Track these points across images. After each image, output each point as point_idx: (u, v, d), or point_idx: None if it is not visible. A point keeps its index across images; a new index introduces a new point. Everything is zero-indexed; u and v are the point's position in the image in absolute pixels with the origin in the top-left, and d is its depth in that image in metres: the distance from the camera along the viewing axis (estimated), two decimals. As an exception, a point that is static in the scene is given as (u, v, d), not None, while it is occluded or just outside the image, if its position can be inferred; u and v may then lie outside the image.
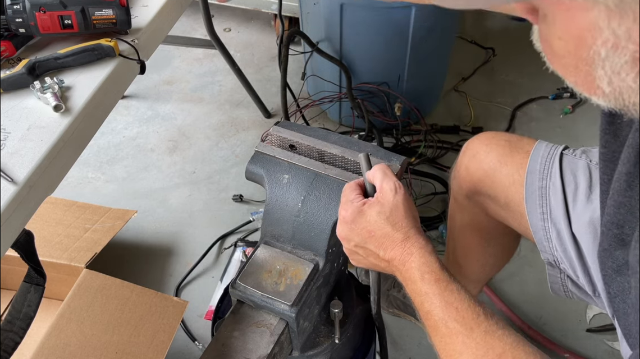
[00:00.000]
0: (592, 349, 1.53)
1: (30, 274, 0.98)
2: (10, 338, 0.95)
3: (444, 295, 0.72)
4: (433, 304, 0.72)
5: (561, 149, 0.99)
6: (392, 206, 0.78)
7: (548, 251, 0.98)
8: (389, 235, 0.77)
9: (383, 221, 0.77)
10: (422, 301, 0.74)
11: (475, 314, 0.70)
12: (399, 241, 0.77)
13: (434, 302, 0.72)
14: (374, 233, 0.78)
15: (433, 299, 0.73)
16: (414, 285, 0.75)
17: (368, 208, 0.79)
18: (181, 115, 2.30)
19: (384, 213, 0.77)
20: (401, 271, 0.77)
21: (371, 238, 0.78)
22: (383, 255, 0.78)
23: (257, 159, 0.95)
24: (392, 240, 0.77)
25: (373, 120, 2.00)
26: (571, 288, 1.00)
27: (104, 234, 1.62)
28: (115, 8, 1.01)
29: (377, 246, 0.78)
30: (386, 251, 0.78)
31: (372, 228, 0.78)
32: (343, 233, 0.81)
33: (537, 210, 0.98)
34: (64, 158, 0.91)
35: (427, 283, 0.74)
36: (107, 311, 1.39)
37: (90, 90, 0.97)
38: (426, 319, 0.75)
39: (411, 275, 0.75)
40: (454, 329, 0.70)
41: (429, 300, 0.73)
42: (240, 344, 0.87)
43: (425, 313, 0.74)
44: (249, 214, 1.88)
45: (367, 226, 0.78)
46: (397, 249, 0.77)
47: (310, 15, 1.94)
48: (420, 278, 0.74)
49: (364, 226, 0.78)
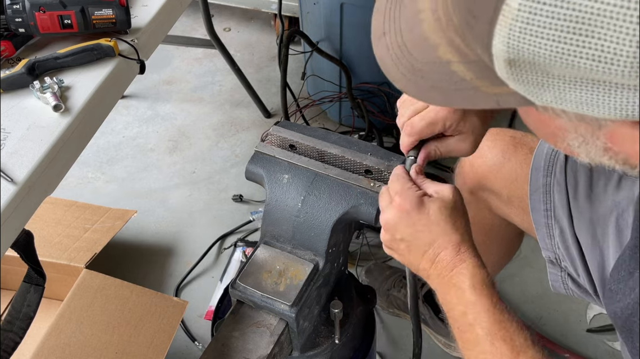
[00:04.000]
0: (592, 349, 1.53)
1: (30, 274, 0.98)
2: (10, 338, 0.95)
3: (494, 312, 0.68)
4: (479, 318, 0.69)
5: None
6: (452, 205, 0.73)
7: (550, 248, 0.98)
8: (446, 234, 0.72)
9: (444, 217, 0.72)
10: (465, 311, 0.70)
11: (523, 339, 0.67)
12: (454, 243, 0.72)
13: (481, 316, 0.69)
14: (429, 229, 0.72)
15: (481, 313, 0.69)
16: (461, 293, 0.71)
17: (429, 201, 0.73)
18: (181, 115, 2.30)
19: (446, 209, 0.72)
20: (444, 275, 0.72)
21: (424, 233, 0.73)
22: (431, 253, 0.73)
23: (257, 159, 0.94)
24: (448, 239, 0.72)
25: (373, 120, 2.00)
26: (571, 286, 1.00)
27: (103, 234, 1.62)
28: (115, 8, 1.01)
29: (427, 243, 0.73)
30: (436, 250, 0.73)
31: (430, 223, 0.72)
32: (392, 221, 0.75)
33: (540, 207, 0.98)
34: (63, 158, 0.90)
35: (477, 294, 0.69)
36: (107, 311, 1.39)
37: (90, 90, 0.97)
38: (464, 332, 0.71)
39: (459, 281, 0.71)
40: (500, 350, 0.67)
41: (475, 311, 0.69)
42: (240, 345, 0.87)
43: (467, 325, 0.70)
44: (249, 214, 1.88)
45: (424, 220, 0.73)
46: (449, 251, 0.72)
47: (310, 15, 1.94)
48: (471, 286, 0.70)
49: (420, 219, 0.73)
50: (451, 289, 0.72)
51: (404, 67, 0.50)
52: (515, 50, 0.39)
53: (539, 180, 0.98)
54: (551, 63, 0.38)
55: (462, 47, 0.43)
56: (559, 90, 0.40)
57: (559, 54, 0.37)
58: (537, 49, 0.38)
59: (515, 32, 0.38)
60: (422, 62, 0.47)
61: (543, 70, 0.40)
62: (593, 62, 0.36)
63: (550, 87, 0.41)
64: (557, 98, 0.41)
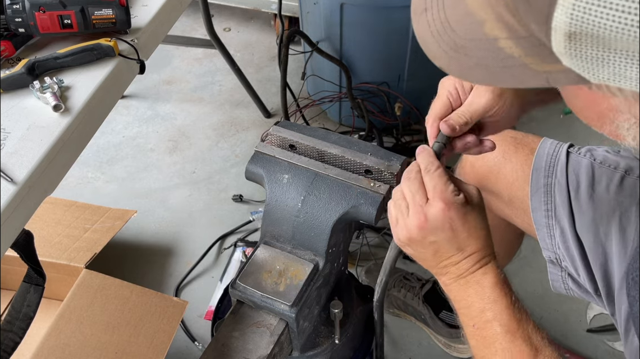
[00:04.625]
0: (593, 349, 1.53)
1: (29, 274, 0.98)
2: (10, 338, 0.95)
3: (513, 310, 0.70)
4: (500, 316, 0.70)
5: (566, 147, 0.99)
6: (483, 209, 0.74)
7: (550, 248, 0.98)
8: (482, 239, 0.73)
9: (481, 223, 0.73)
10: (484, 308, 0.71)
11: (541, 337, 0.70)
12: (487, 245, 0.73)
13: (502, 314, 0.70)
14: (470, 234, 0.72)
15: (502, 311, 0.70)
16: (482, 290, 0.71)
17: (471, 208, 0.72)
18: (181, 115, 2.30)
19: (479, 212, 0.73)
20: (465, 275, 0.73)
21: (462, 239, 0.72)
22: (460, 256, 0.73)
23: (257, 159, 0.94)
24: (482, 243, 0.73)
25: (373, 120, 1.99)
26: (572, 286, 1.00)
27: (103, 234, 1.62)
28: (114, 8, 1.01)
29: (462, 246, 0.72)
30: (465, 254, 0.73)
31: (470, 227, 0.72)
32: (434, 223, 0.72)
33: (541, 207, 0.98)
34: (63, 158, 0.90)
35: (498, 291, 0.71)
36: (107, 311, 1.39)
37: (90, 90, 0.97)
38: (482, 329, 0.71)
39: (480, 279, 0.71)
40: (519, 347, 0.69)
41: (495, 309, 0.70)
42: (240, 345, 0.87)
43: (484, 321, 0.71)
44: (249, 214, 1.88)
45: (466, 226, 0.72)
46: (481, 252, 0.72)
47: (310, 15, 1.94)
48: (493, 285, 0.71)
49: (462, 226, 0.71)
50: (471, 287, 0.73)
51: (445, 44, 0.48)
52: (579, 22, 0.38)
53: (540, 180, 0.98)
54: (617, 36, 0.37)
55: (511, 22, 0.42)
56: (619, 66, 0.39)
57: (627, 26, 0.36)
58: (605, 20, 0.36)
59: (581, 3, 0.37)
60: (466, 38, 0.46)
61: (605, 45, 0.38)
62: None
63: (610, 63, 0.39)
64: (615, 74, 0.40)
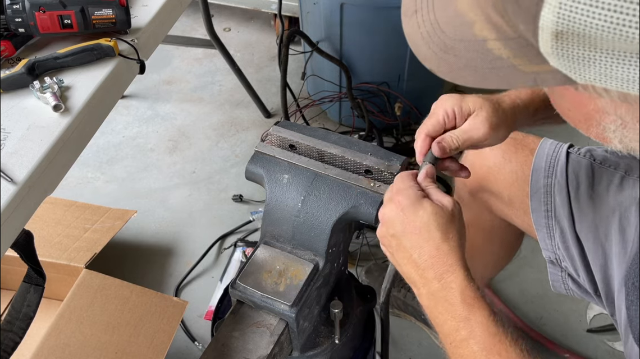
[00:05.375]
0: (592, 349, 1.53)
1: (29, 274, 0.98)
2: (10, 338, 0.95)
3: (488, 325, 0.66)
4: (473, 333, 0.67)
5: (566, 147, 0.99)
6: (449, 215, 0.71)
7: (550, 249, 0.98)
8: (434, 241, 0.70)
9: (435, 224, 0.70)
10: (458, 327, 0.68)
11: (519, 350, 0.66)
12: (443, 252, 0.70)
13: (475, 330, 0.67)
14: (418, 231, 0.71)
15: (474, 328, 0.67)
16: (451, 307, 0.69)
17: (427, 204, 0.71)
18: (181, 115, 2.30)
19: (441, 216, 0.70)
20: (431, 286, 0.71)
21: (412, 235, 0.71)
22: (417, 258, 0.71)
23: (257, 159, 0.94)
24: (435, 247, 0.70)
25: (373, 120, 2.00)
26: (572, 286, 1.00)
27: (103, 234, 1.62)
28: (115, 8, 1.01)
29: (414, 246, 0.71)
30: (422, 256, 0.71)
31: (420, 226, 0.71)
32: (387, 216, 0.74)
33: (541, 208, 0.98)
34: (63, 158, 0.90)
35: (468, 308, 0.67)
36: (107, 311, 1.39)
37: (90, 90, 0.97)
38: (458, 348, 0.69)
39: (448, 295, 0.69)
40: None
41: (468, 328, 0.67)
42: (240, 345, 0.87)
43: (459, 340, 0.68)
44: (249, 214, 1.88)
45: (416, 221, 0.71)
46: (437, 260, 0.70)
47: (310, 15, 1.94)
48: (461, 301, 0.68)
49: (413, 220, 0.71)
50: (439, 302, 0.70)
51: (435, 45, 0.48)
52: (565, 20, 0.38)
53: (540, 181, 0.98)
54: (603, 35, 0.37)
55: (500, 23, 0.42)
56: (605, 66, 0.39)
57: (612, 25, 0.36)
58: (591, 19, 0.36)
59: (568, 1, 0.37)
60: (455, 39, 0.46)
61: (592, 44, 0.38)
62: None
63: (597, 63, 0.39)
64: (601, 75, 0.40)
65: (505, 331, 0.67)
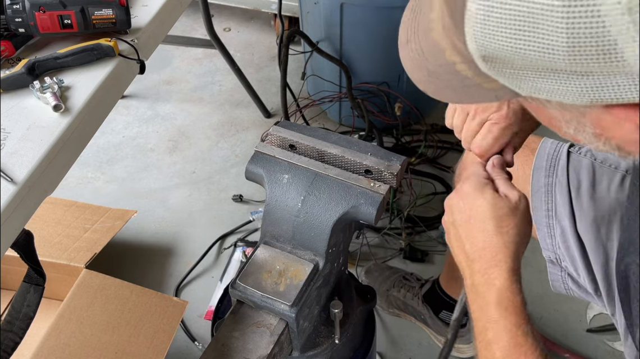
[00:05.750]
0: (592, 349, 1.53)
1: (29, 274, 0.98)
2: (10, 338, 0.95)
3: (516, 334, 0.65)
4: (499, 337, 0.66)
5: (567, 146, 1.00)
6: (511, 208, 0.69)
7: (550, 248, 0.98)
8: (488, 234, 0.68)
9: (491, 215, 0.68)
10: (486, 327, 0.68)
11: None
12: (493, 246, 0.68)
13: (501, 336, 0.66)
14: (474, 221, 0.69)
15: (502, 333, 0.66)
16: (486, 306, 0.68)
17: (488, 193, 0.70)
18: (181, 115, 2.30)
19: (500, 208, 0.69)
20: (474, 279, 0.69)
21: (467, 224, 0.70)
22: (468, 248, 0.70)
23: (257, 159, 0.94)
24: (486, 239, 0.68)
25: (373, 120, 1.99)
26: (571, 286, 1.00)
27: (103, 234, 1.62)
28: (115, 8, 1.01)
29: (468, 236, 0.70)
30: (473, 247, 0.69)
31: (476, 215, 0.69)
32: (449, 203, 0.74)
33: (542, 207, 0.98)
34: (63, 158, 0.90)
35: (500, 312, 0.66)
36: (107, 311, 1.39)
37: (90, 90, 0.97)
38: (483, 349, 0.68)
39: (487, 291, 0.68)
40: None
41: (496, 330, 0.66)
42: (240, 344, 0.87)
43: (485, 342, 0.68)
44: (249, 214, 1.88)
45: (472, 210, 0.70)
46: (486, 252, 0.68)
47: (310, 15, 1.94)
48: (497, 303, 0.67)
49: (470, 208, 0.70)
50: (479, 298, 0.69)
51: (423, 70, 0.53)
52: (482, 47, 0.42)
53: (541, 180, 0.98)
54: (513, 57, 0.40)
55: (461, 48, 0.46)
56: (531, 81, 0.43)
57: (514, 48, 0.39)
58: (498, 44, 0.40)
59: (477, 32, 0.41)
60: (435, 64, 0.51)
61: (510, 64, 0.42)
62: (541, 53, 0.38)
63: (524, 79, 0.43)
64: (533, 88, 0.43)
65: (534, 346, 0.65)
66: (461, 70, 0.48)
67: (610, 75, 0.38)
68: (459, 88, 0.51)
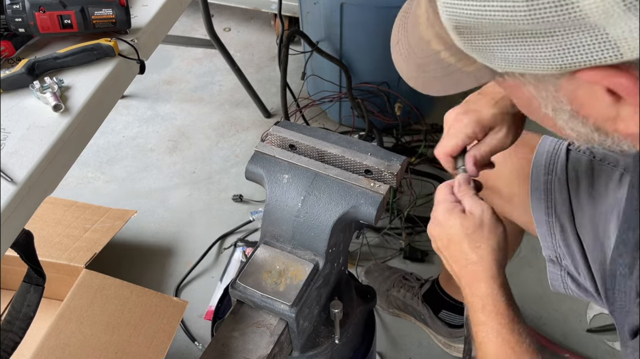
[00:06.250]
0: (592, 349, 1.53)
1: (29, 274, 0.98)
2: (10, 338, 0.95)
3: (501, 332, 0.72)
4: (487, 338, 0.72)
5: (567, 144, 0.99)
6: (476, 224, 0.75)
7: (550, 246, 0.98)
8: (463, 252, 0.75)
9: (462, 235, 0.75)
10: (477, 331, 0.74)
11: None
12: (471, 262, 0.75)
13: (489, 336, 0.72)
14: (452, 244, 0.76)
15: (489, 333, 0.72)
16: (474, 313, 0.75)
17: (455, 216, 0.76)
18: (181, 115, 2.30)
19: (466, 227, 0.75)
20: (466, 293, 0.76)
21: (449, 248, 0.77)
22: (456, 269, 0.77)
23: (257, 159, 0.94)
24: (464, 258, 0.75)
25: (373, 120, 2.00)
26: (571, 285, 1.00)
27: (103, 234, 1.62)
28: (115, 8, 1.01)
29: (452, 257, 0.77)
30: (457, 266, 0.76)
31: (451, 237, 0.76)
32: (431, 232, 0.81)
33: (541, 205, 0.98)
34: (63, 158, 0.90)
35: (486, 315, 0.73)
36: (107, 311, 1.39)
37: (90, 90, 0.97)
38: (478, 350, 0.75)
39: (473, 301, 0.75)
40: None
41: (484, 332, 0.73)
42: (240, 344, 0.87)
43: (478, 343, 0.74)
44: (249, 214, 1.88)
45: (447, 233, 0.77)
46: (467, 269, 0.75)
47: (310, 15, 1.94)
48: (482, 308, 0.73)
49: (447, 233, 0.77)
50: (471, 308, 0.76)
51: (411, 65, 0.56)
52: (453, 16, 0.43)
53: (540, 178, 0.98)
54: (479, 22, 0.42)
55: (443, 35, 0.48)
56: (501, 50, 0.44)
57: (478, 11, 0.41)
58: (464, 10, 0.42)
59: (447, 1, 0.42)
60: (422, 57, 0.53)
61: (480, 32, 0.43)
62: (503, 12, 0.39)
63: (495, 49, 0.44)
64: (505, 60, 0.44)
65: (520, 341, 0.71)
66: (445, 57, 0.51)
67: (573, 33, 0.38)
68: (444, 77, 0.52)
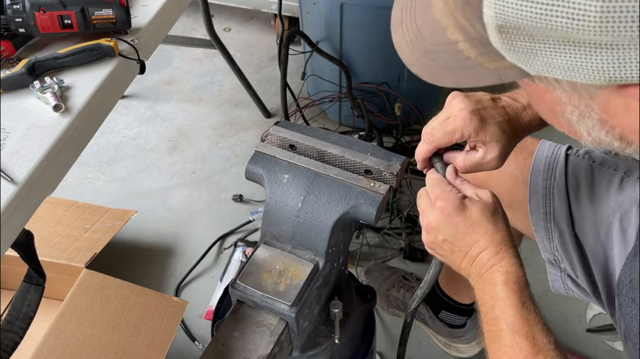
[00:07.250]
0: (592, 349, 1.53)
1: (30, 274, 0.98)
2: (10, 338, 0.95)
3: (521, 309, 0.71)
4: (506, 313, 0.71)
5: (565, 149, 0.99)
6: (493, 207, 0.76)
7: (549, 250, 0.98)
8: (489, 234, 0.74)
9: (486, 218, 0.75)
10: (494, 305, 0.73)
11: (547, 340, 0.71)
12: (497, 242, 0.74)
13: (507, 311, 0.71)
14: (472, 230, 0.75)
15: (508, 308, 0.71)
16: (492, 287, 0.73)
17: (470, 203, 0.76)
18: (181, 115, 2.30)
19: (488, 210, 0.75)
20: (481, 273, 0.75)
21: (466, 235, 0.75)
22: (473, 253, 0.75)
23: (257, 159, 0.94)
24: (490, 240, 0.74)
25: (373, 120, 2.00)
26: (571, 286, 1.00)
27: (103, 234, 1.62)
28: (115, 8, 1.01)
29: (470, 243, 0.75)
30: (478, 249, 0.75)
31: (473, 224, 0.75)
32: (435, 223, 0.78)
33: (540, 210, 0.97)
34: (63, 158, 0.90)
35: (508, 290, 0.72)
36: (107, 311, 1.39)
37: (90, 90, 0.97)
38: (491, 325, 0.73)
39: (493, 277, 0.73)
40: (520, 345, 0.70)
41: (502, 306, 0.72)
42: (240, 344, 0.87)
43: (492, 318, 0.73)
44: (249, 214, 1.88)
45: (466, 222, 0.75)
46: (490, 249, 0.74)
47: (310, 15, 1.94)
48: (503, 282, 0.72)
49: (463, 221, 0.75)
50: (485, 285, 0.75)
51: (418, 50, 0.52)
52: (502, 15, 0.41)
53: (539, 183, 0.98)
54: (533, 25, 0.40)
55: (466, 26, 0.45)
56: (546, 56, 0.42)
57: (537, 15, 0.39)
58: (520, 11, 0.39)
59: None
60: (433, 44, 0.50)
61: (529, 35, 0.41)
62: (567, 19, 0.38)
63: (538, 53, 0.42)
64: (546, 65, 0.43)
65: (537, 320, 0.72)
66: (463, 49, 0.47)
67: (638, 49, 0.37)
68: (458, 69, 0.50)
